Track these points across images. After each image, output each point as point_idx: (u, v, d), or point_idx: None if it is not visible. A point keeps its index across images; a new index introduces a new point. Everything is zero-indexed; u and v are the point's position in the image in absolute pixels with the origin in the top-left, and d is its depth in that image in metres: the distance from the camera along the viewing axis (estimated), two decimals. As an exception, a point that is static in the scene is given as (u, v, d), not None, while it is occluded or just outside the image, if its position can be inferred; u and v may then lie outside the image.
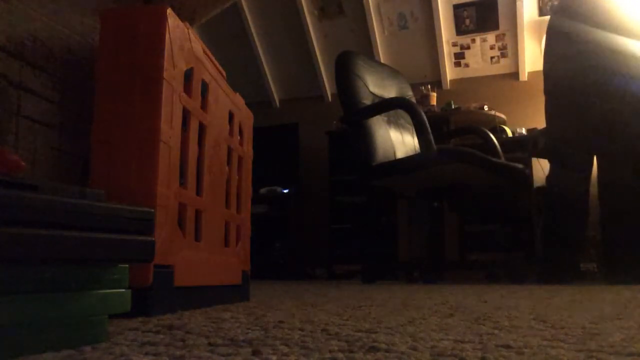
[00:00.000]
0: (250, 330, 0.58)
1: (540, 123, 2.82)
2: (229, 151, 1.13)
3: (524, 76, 3.87)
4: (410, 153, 2.66)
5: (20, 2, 0.86)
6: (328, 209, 4.01)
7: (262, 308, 0.92)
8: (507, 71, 3.93)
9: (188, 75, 0.90)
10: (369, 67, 2.69)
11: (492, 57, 3.93)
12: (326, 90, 4.43)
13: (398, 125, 2.73)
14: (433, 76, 4.13)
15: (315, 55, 4.28)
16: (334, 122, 3.96)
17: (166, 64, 0.80)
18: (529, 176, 2.86)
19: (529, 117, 3.59)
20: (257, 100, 4.30)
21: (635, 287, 1.72)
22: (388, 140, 2.58)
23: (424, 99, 3.74)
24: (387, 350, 0.45)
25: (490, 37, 3.89)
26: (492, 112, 3.52)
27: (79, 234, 0.43)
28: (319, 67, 4.34)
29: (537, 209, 2.89)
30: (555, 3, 3.55)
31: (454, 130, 3.43)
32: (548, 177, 2.46)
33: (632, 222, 2.21)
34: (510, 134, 3.42)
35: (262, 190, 3.98)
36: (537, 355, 0.43)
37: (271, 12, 4.27)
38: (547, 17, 3.70)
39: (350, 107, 2.50)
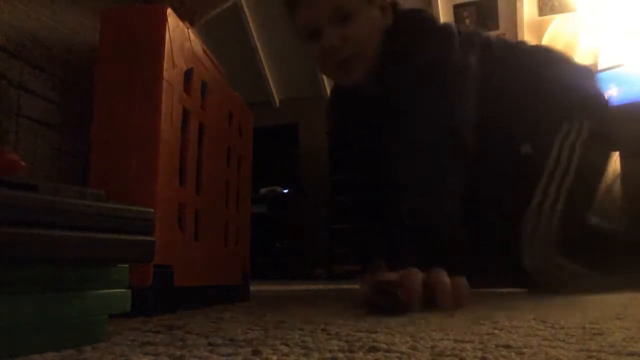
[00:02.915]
0: (250, 330, 0.58)
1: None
2: (229, 151, 1.13)
3: (524, 76, 3.87)
4: (410, 153, 2.65)
5: (20, 2, 0.86)
6: (328, 209, 4.01)
7: (262, 308, 0.93)
8: (507, 71, 3.94)
9: (188, 75, 0.90)
10: (369, 67, 2.68)
11: (492, 57, 3.93)
12: (326, 90, 4.43)
13: (398, 125, 2.73)
14: (433, 76, 4.12)
15: (315, 55, 4.28)
16: (334, 122, 3.95)
17: (166, 64, 0.80)
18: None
19: (529, 117, 3.59)
20: (257, 100, 4.30)
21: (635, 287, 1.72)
22: (388, 140, 2.58)
23: (424, 99, 3.74)
24: (387, 350, 0.45)
25: (490, 37, 3.90)
26: (492, 112, 3.51)
27: (79, 234, 0.43)
28: (319, 67, 4.34)
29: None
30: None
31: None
32: None
33: None
34: (510, 134, 3.41)
35: (262, 190, 3.98)
36: (537, 355, 0.43)
37: (271, 12, 4.27)
38: (547, 17, 3.72)
39: (350, 107, 2.49)
